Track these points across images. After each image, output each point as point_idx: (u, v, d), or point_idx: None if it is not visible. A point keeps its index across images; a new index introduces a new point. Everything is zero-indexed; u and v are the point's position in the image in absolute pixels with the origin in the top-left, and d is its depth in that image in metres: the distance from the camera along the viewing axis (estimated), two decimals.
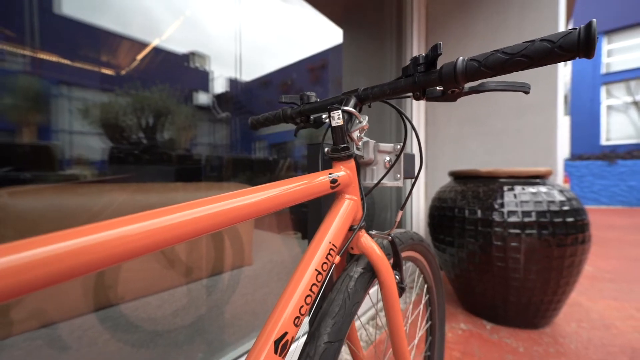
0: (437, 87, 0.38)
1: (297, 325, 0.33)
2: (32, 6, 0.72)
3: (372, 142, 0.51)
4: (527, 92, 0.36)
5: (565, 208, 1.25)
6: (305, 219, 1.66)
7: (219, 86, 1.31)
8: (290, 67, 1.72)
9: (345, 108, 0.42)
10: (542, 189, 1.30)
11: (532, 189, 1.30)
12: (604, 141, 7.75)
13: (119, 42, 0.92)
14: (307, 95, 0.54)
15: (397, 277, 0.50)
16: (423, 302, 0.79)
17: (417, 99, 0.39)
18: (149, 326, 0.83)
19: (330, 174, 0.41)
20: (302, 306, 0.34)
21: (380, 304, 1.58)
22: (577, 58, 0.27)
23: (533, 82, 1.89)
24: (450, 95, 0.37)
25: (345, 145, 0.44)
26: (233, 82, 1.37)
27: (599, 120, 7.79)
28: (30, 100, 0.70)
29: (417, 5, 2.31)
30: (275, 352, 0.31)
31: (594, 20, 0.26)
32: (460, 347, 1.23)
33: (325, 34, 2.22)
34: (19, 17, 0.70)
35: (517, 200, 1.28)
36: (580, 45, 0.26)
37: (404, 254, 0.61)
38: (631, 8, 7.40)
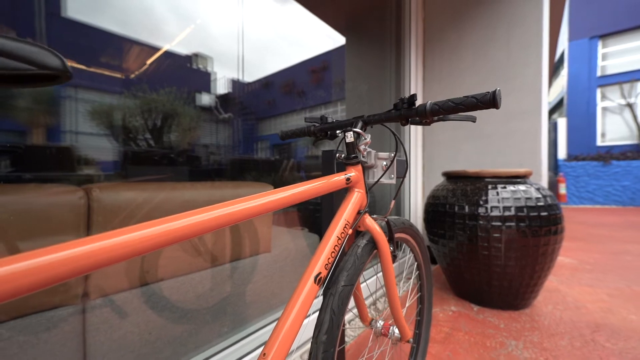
0: (416, 118, 0.58)
1: (326, 269, 0.53)
2: (41, 9, 0.80)
3: (373, 151, 0.71)
4: (474, 121, 0.56)
5: (540, 204, 1.44)
6: (311, 216, 1.87)
7: (221, 87, 1.34)
8: (291, 68, 1.80)
9: (355, 130, 0.63)
10: (521, 187, 1.50)
11: (512, 187, 1.50)
12: (599, 142, 7.93)
13: (123, 45, 0.99)
14: (325, 117, 0.74)
15: (391, 247, 0.70)
16: (413, 276, 0.99)
17: (403, 125, 0.59)
18: (192, 297, 1.03)
19: (345, 174, 0.61)
20: (329, 258, 0.54)
21: (379, 293, 1.78)
22: (491, 108, 0.46)
23: (521, 92, 2.08)
24: (424, 122, 0.57)
25: (355, 155, 0.64)
26: (235, 83, 1.40)
27: (595, 122, 7.98)
28: (44, 104, 0.85)
29: (414, 18, 2.51)
30: (315, 282, 0.51)
31: (499, 88, 0.45)
32: (450, 324, 1.43)
33: (327, 38, 2.36)
34: (30, 21, 0.78)
35: (499, 197, 1.48)
36: (490, 101, 0.46)
37: (397, 235, 0.81)
38: (625, 13, 7.58)
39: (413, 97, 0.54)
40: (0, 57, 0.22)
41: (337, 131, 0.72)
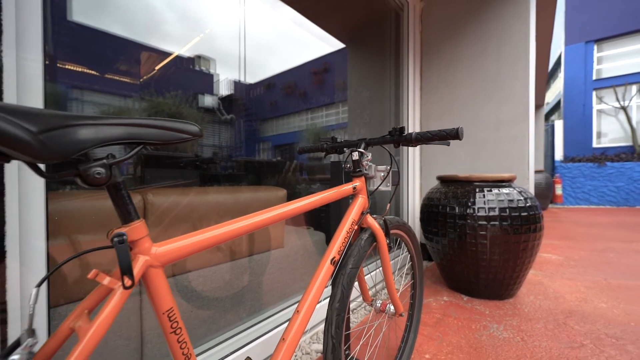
0: (405, 142, 0.77)
1: (339, 254, 0.73)
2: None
3: (373, 165, 0.90)
4: (448, 145, 0.75)
5: (521, 205, 1.63)
6: (316, 217, 2.05)
7: (224, 88, 1.38)
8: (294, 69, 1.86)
9: (360, 150, 0.82)
10: (505, 190, 1.69)
11: (497, 191, 1.69)
12: (595, 144, 8.11)
13: (132, 50, 1.05)
14: (335, 137, 0.94)
15: (387, 240, 0.89)
16: (407, 266, 1.18)
17: (396, 147, 0.78)
18: (222, 284, 1.23)
19: (352, 184, 0.81)
20: (341, 246, 0.74)
21: (379, 286, 1.97)
22: (455, 140, 0.66)
23: (510, 102, 2.27)
24: (411, 145, 0.76)
25: (359, 169, 0.83)
26: (237, 84, 1.44)
27: (591, 124, 8.16)
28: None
29: (412, 31, 2.70)
30: (331, 263, 0.70)
31: (462, 126, 0.64)
32: (442, 312, 1.62)
33: (330, 46, 2.49)
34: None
35: (484, 199, 1.67)
36: (455, 135, 0.65)
37: (393, 231, 1.00)
38: (619, 19, 7.76)
39: (403, 129, 0.74)
40: (173, 132, 0.41)
41: (345, 149, 0.91)
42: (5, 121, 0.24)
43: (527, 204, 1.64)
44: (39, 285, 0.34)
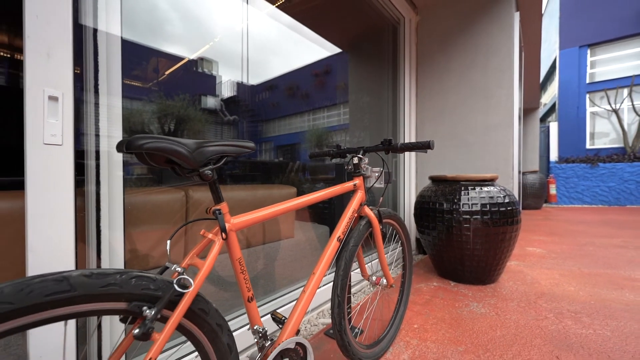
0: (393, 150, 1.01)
1: (343, 234, 0.97)
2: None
3: (369, 167, 1.15)
4: (425, 152, 0.99)
5: (500, 201, 1.87)
6: (321, 213, 2.28)
7: (226, 90, 1.40)
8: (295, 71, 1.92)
9: (359, 156, 1.07)
10: (486, 189, 1.93)
11: (479, 189, 1.93)
12: (588, 145, 8.36)
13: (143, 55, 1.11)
14: (339, 145, 1.18)
15: (381, 227, 1.14)
16: (397, 251, 1.42)
17: (387, 154, 1.03)
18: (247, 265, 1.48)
19: (353, 182, 1.05)
20: (345, 228, 0.98)
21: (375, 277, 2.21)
22: (428, 150, 0.90)
23: (496, 109, 2.50)
24: (398, 152, 1.01)
25: (359, 170, 1.08)
26: (240, 86, 1.47)
27: (585, 126, 8.40)
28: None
29: (408, 42, 2.94)
30: (337, 241, 0.95)
31: (433, 140, 0.88)
32: (431, 294, 1.86)
33: (330, 53, 2.63)
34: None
35: (469, 196, 1.91)
36: (427, 146, 0.89)
37: (385, 220, 1.24)
38: (612, 24, 8.01)
39: (391, 140, 0.99)
40: (242, 148, 0.66)
41: (347, 154, 1.16)
42: (182, 147, 0.48)
43: (506, 201, 1.89)
44: (170, 238, 0.58)
